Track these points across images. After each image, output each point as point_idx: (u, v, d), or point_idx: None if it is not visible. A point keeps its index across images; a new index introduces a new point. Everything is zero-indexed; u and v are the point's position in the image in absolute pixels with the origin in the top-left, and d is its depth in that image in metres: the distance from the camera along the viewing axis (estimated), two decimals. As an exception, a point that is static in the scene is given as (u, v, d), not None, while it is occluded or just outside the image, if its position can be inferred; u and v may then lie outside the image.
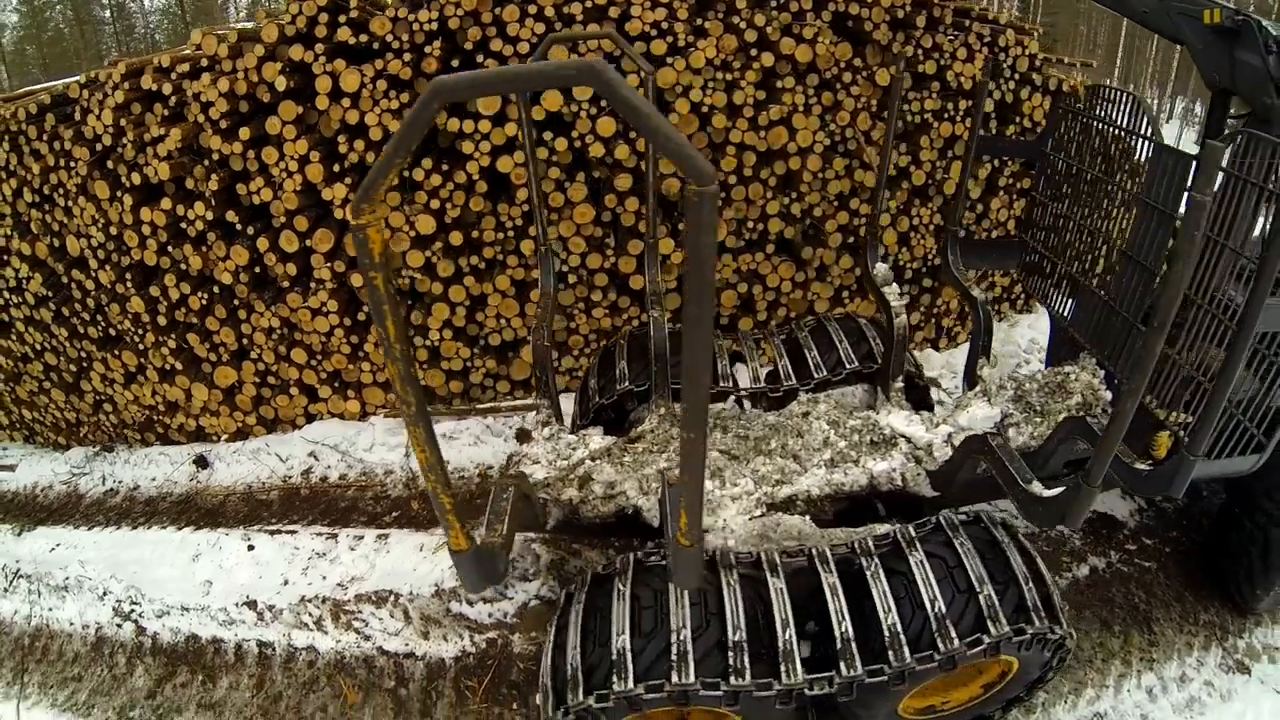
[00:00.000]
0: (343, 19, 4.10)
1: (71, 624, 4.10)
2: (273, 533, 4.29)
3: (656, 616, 2.46)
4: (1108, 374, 3.93)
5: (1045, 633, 2.64)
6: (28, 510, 4.98)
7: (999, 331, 5.68)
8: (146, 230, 4.48)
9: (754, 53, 4.39)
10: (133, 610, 4.06)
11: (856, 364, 3.64)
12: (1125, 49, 25.04)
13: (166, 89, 4.23)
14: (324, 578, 3.92)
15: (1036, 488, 2.75)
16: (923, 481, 3.26)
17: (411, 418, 1.79)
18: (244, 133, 4.23)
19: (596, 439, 3.14)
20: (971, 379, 3.83)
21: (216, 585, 4.05)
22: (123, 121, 4.25)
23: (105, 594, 4.15)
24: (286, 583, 3.95)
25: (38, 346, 5.01)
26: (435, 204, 4.37)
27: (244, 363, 4.88)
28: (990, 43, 4.90)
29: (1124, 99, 3.50)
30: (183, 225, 4.48)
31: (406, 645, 3.61)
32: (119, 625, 4.04)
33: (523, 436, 4.32)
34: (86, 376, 5.09)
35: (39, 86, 4.59)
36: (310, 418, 5.14)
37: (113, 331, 4.89)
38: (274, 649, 3.77)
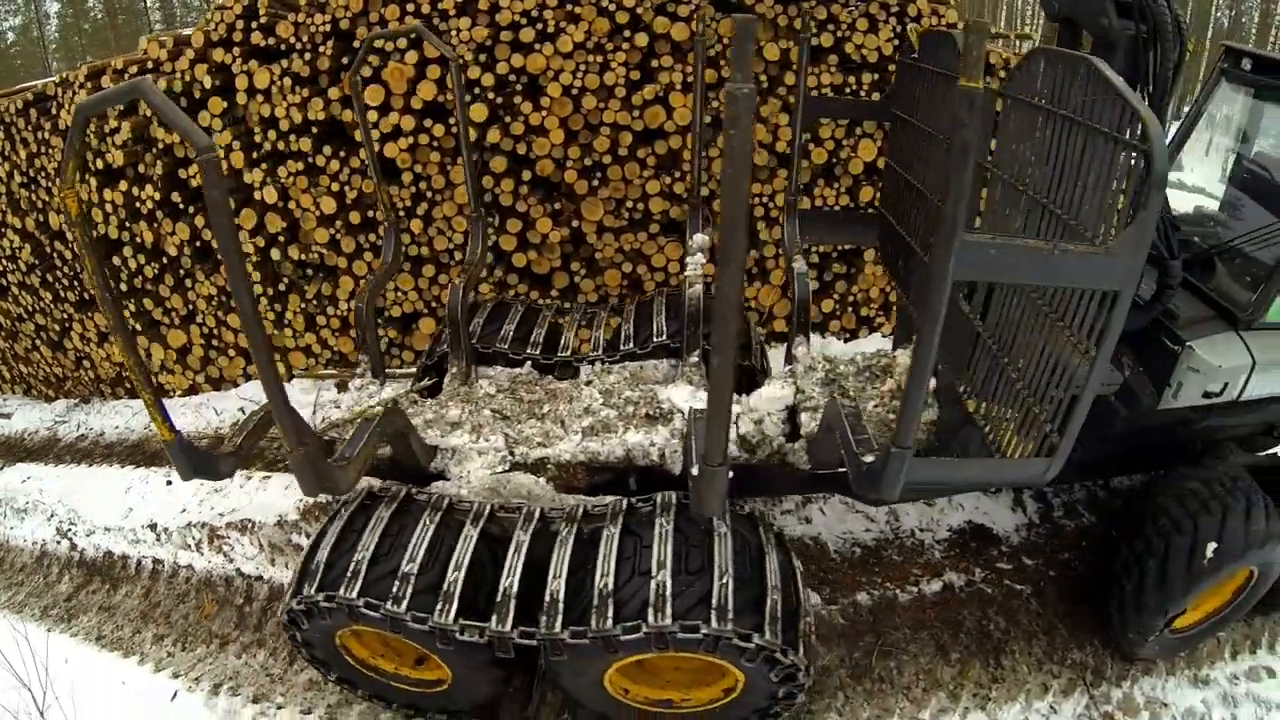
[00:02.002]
0: (255, 24, 5.12)
1: (24, 540, 5.35)
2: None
3: (356, 540, 3.07)
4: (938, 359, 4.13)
5: (728, 636, 2.68)
6: (14, 450, 6.39)
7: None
8: (109, 208, 5.70)
9: (628, 34, 5.00)
10: (70, 530, 5.24)
11: (665, 338, 4.15)
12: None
13: (122, 87, 5.42)
14: (212, 508, 4.90)
15: (695, 469, 2.79)
16: (678, 459, 3.55)
17: (112, 328, 2.64)
18: (180, 124, 5.34)
19: (388, 390, 3.90)
20: (789, 357, 4.21)
21: (134, 512, 5.14)
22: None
23: (52, 516, 5.37)
24: (184, 511, 4.97)
25: (29, 308, 6.44)
26: (335, 186, 5.30)
27: (191, 326, 6.04)
28: (899, 13, 5.21)
29: (946, 42, 3.51)
30: (137, 204, 5.67)
31: (258, 569, 4.52)
32: (58, 542, 5.23)
33: (341, 387, 5.17)
34: (68, 336, 6.47)
35: (27, 85, 5.97)
36: (249, 377, 6.24)
37: (87, 296, 6.21)
38: (163, 565, 4.80)
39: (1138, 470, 4.65)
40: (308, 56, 5.07)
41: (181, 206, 5.61)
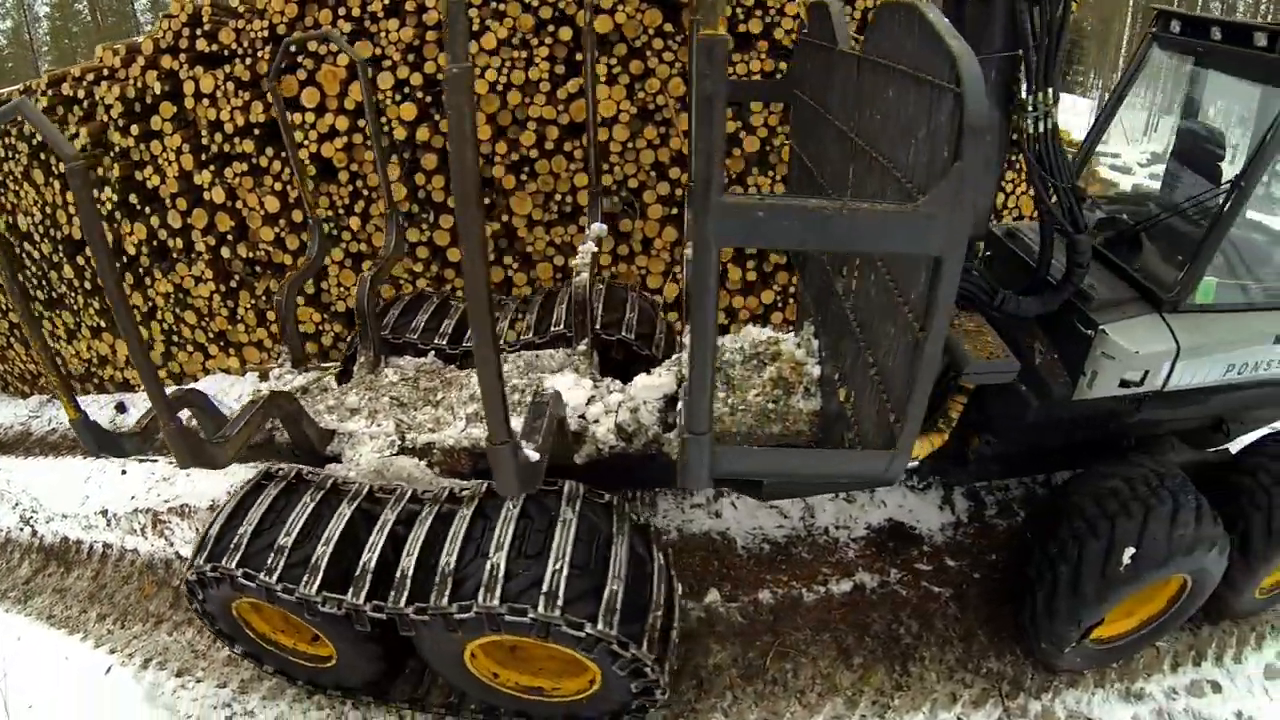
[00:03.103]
0: (199, 31, 5.58)
1: (-9, 526, 5.92)
2: (141, 461, 5.85)
3: (244, 515, 3.42)
4: (821, 345, 4.29)
5: (557, 622, 2.78)
6: (-11, 444, 7.03)
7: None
8: (72, 210, 6.25)
9: (552, 28, 5.32)
10: (31, 517, 5.77)
11: (562, 327, 4.46)
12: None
13: (80, 94, 5.94)
14: (159, 495, 5.38)
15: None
16: None
17: (22, 317, 3.06)
18: (134, 129, 5.84)
19: (301, 378, 4.30)
20: (679, 345, 4.45)
21: (90, 499, 5.65)
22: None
23: (17, 505, 5.91)
24: (133, 498, 5.45)
25: (2, 307, 7.04)
26: (278, 186, 5.74)
27: (152, 323, 6.56)
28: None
29: (819, 11, 3.54)
30: (96, 206, 6.20)
31: (194, 552, 4.97)
32: (21, 529, 5.76)
33: (264, 376, 5.57)
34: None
35: (-7, 95, 6.57)
36: (209, 372, 6.73)
37: (55, 294, 6.77)
38: (112, 549, 5.28)
39: (1071, 466, 4.55)
40: (248, 61, 5.50)
41: (139, 208, 6.11)
